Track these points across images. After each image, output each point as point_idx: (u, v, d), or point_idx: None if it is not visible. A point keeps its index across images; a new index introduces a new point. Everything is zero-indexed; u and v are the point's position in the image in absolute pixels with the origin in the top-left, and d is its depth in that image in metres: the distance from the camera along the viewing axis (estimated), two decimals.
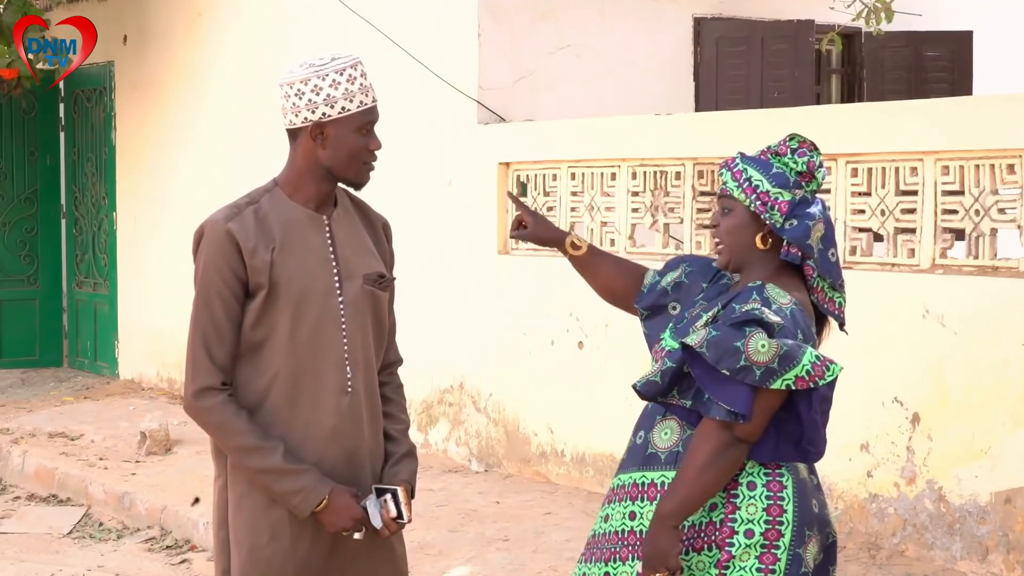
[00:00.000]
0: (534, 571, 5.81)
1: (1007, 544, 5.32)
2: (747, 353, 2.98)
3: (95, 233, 11.74)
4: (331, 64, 3.29)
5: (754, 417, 3.03)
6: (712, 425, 3.05)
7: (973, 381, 5.45)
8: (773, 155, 3.25)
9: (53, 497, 8.06)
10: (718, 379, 3.02)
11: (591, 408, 7.08)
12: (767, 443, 3.10)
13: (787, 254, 3.17)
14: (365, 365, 3.42)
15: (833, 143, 6.00)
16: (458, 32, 7.94)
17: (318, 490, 3.26)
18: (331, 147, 3.31)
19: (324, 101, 3.27)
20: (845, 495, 5.89)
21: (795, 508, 3.11)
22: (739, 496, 3.10)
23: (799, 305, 3.12)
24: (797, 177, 3.21)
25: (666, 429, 3.21)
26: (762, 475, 3.11)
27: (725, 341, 3.00)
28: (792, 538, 3.09)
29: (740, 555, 3.08)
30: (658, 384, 3.12)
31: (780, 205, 3.16)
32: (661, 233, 6.90)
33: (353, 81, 3.29)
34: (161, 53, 10.71)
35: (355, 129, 3.30)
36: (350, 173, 3.35)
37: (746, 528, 3.08)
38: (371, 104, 3.33)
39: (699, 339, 3.02)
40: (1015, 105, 5.55)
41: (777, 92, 8.73)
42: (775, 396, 3.04)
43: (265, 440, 3.27)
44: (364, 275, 3.41)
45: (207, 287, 3.31)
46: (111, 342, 11.50)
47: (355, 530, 3.30)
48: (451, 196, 7.98)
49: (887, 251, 5.85)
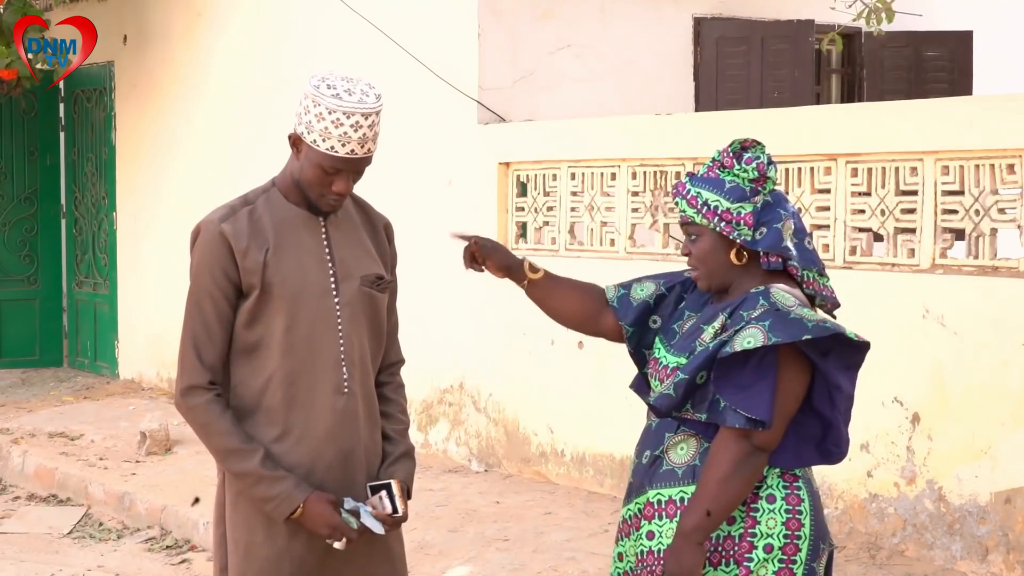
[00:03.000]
0: (534, 571, 5.81)
1: (1007, 544, 5.32)
2: (805, 317, 2.95)
3: (95, 233, 11.74)
4: (330, 100, 3.20)
5: (773, 423, 2.99)
6: (730, 435, 3.00)
7: (973, 381, 5.45)
8: (721, 168, 3.15)
9: (53, 497, 8.06)
10: (738, 385, 2.98)
11: (591, 408, 7.07)
12: (787, 449, 3.06)
13: (768, 264, 3.11)
14: (362, 366, 3.42)
15: (833, 143, 6.01)
16: (458, 32, 7.94)
17: (292, 497, 3.25)
18: (302, 163, 3.30)
19: (307, 123, 3.24)
20: (845, 495, 5.89)
21: (812, 522, 3.07)
22: (759, 510, 3.05)
23: (804, 304, 3.08)
24: (752, 184, 3.12)
25: (682, 445, 3.15)
26: (781, 488, 3.07)
27: (781, 321, 2.96)
28: (808, 552, 3.06)
29: (757, 570, 3.03)
30: (672, 398, 3.07)
31: (744, 219, 3.09)
32: (661, 233, 6.90)
33: (338, 125, 3.20)
34: (161, 53, 10.71)
35: (317, 164, 3.26)
36: (312, 195, 3.33)
37: (765, 543, 3.04)
38: (343, 155, 3.23)
39: (761, 336, 2.94)
40: (1015, 105, 5.54)
41: (777, 92, 8.73)
42: (791, 398, 3.01)
43: (246, 443, 3.27)
44: (362, 276, 3.41)
45: (198, 287, 3.32)
46: (111, 342, 11.50)
47: (333, 538, 3.27)
48: (451, 196, 7.98)
49: (887, 251, 5.85)
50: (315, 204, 3.34)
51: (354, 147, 3.23)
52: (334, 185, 3.29)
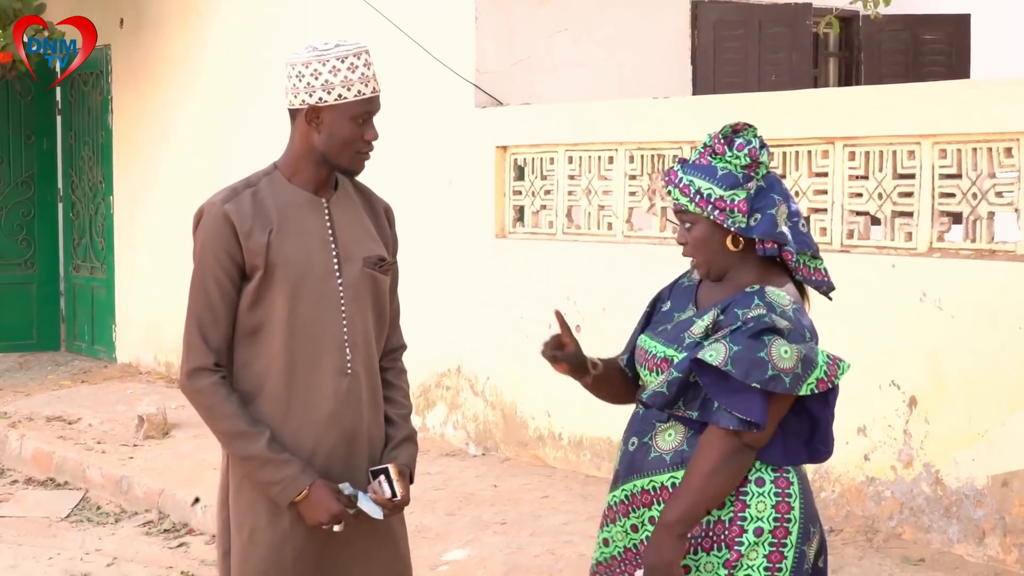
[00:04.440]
0: (531, 554, 5.82)
1: (1004, 527, 5.33)
2: (772, 362, 2.93)
3: (92, 217, 11.73)
4: (334, 50, 3.25)
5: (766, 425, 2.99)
6: (720, 432, 2.99)
7: (970, 364, 5.45)
8: (712, 155, 3.10)
9: (51, 481, 8.07)
10: (730, 389, 2.96)
11: (588, 392, 7.06)
12: (776, 447, 3.05)
13: (763, 250, 3.08)
14: (365, 348, 3.41)
15: (830, 126, 6.01)
16: (455, 15, 7.93)
17: (299, 481, 3.26)
18: (326, 133, 3.29)
19: (322, 86, 3.24)
20: (842, 478, 5.89)
21: (801, 505, 3.06)
22: (748, 493, 3.04)
23: (797, 304, 3.06)
24: (744, 171, 3.07)
25: (670, 431, 3.14)
26: (770, 471, 3.05)
27: (749, 354, 2.94)
28: (799, 535, 3.05)
29: (748, 553, 3.02)
30: (665, 395, 3.05)
31: (738, 206, 3.05)
32: (658, 217, 6.89)
33: (354, 69, 3.24)
34: (157, 36, 10.69)
35: (350, 118, 3.27)
36: (343, 161, 3.33)
37: (755, 526, 3.03)
38: (369, 95, 3.28)
39: (721, 357, 2.95)
40: (1012, 88, 5.54)
41: (774, 75, 8.73)
42: (786, 401, 3.01)
43: (252, 426, 3.27)
44: (364, 258, 3.40)
45: (203, 269, 3.31)
46: (108, 326, 11.49)
47: (333, 523, 3.28)
48: (448, 180, 7.97)
49: (884, 234, 5.85)
50: (348, 168, 3.35)
51: (373, 84, 3.29)
52: (366, 134, 3.31)
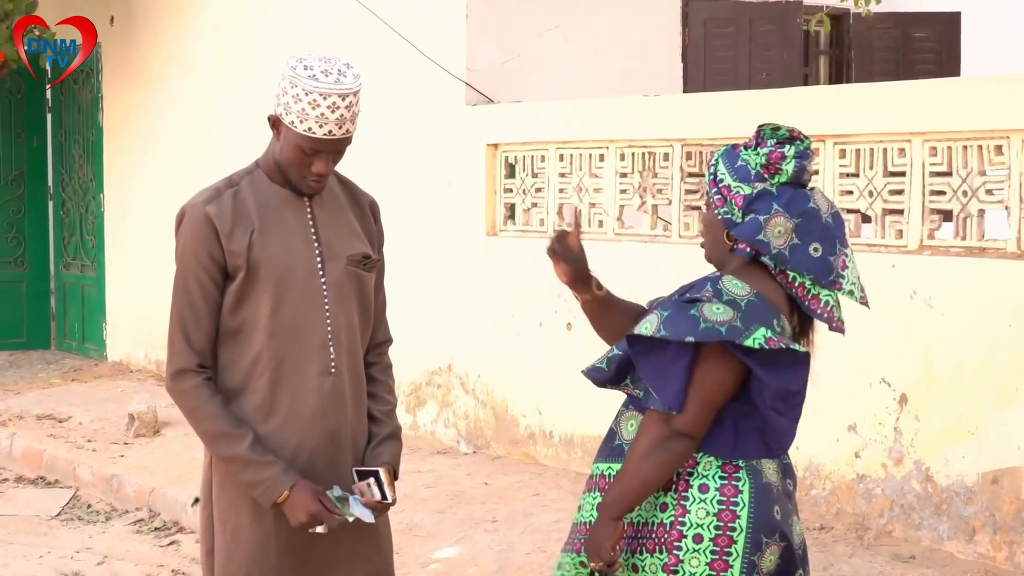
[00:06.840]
0: (522, 552, 5.82)
1: (994, 524, 5.33)
2: (704, 316, 2.88)
3: (82, 215, 11.71)
4: (307, 82, 3.18)
5: (688, 409, 2.94)
6: (653, 417, 2.98)
7: (960, 362, 5.46)
8: (744, 147, 3.08)
9: (41, 479, 8.05)
10: (660, 365, 2.94)
11: (579, 390, 7.01)
12: (724, 437, 3.00)
13: (736, 248, 3.04)
14: (349, 346, 3.41)
15: (821, 124, 6.00)
16: (446, 13, 7.92)
17: (280, 483, 3.26)
18: (281, 144, 3.30)
19: (285, 104, 3.23)
20: (833, 476, 5.90)
21: (750, 514, 2.97)
22: (689, 499, 2.99)
23: (760, 296, 2.97)
24: (759, 170, 3.03)
25: (632, 421, 3.14)
26: (717, 478, 2.99)
27: (680, 314, 2.91)
28: (746, 545, 2.96)
29: (688, 559, 2.97)
30: (604, 371, 3.05)
31: (735, 199, 3.03)
32: (649, 215, 6.89)
33: (315, 106, 3.19)
34: (147, 34, 10.67)
35: (297, 146, 3.26)
36: (292, 176, 3.33)
37: (695, 532, 2.97)
38: (320, 135, 3.22)
39: (653, 327, 2.93)
40: (1003, 86, 5.54)
41: (765, 73, 8.73)
42: (714, 387, 2.95)
43: (235, 428, 3.27)
44: (348, 256, 3.40)
45: (185, 270, 3.31)
46: (99, 324, 11.48)
47: (312, 526, 3.27)
48: (439, 177, 7.97)
49: (875, 232, 5.85)
50: (296, 186, 3.34)
51: (331, 128, 3.22)
52: (313, 166, 3.28)
